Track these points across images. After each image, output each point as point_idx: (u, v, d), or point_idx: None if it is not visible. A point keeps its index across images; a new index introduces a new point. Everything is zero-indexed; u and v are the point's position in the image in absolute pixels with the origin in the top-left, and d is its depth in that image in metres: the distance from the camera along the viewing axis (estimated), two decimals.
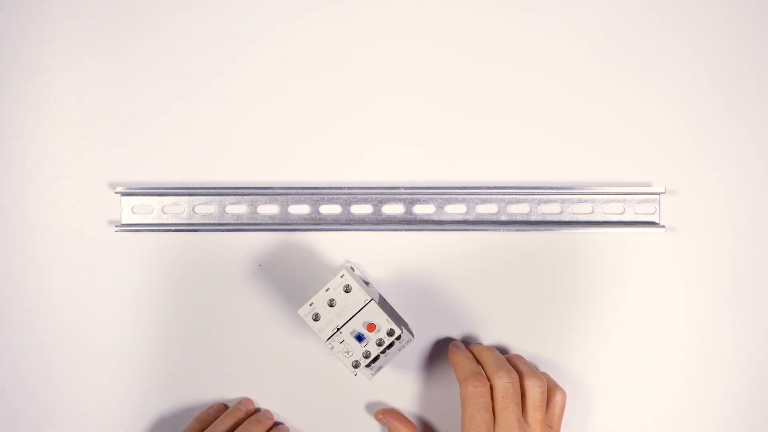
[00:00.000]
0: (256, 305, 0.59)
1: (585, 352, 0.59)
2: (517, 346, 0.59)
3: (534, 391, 0.52)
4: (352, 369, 0.52)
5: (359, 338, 0.51)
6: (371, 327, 0.51)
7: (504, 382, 0.51)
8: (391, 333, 0.51)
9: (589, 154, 0.59)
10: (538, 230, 0.59)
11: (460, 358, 0.54)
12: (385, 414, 0.57)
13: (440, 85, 0.59)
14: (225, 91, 0.59)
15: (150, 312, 0.59)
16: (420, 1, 0.59)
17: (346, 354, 0.52)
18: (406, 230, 0.59)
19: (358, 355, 0.52)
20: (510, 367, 0.53)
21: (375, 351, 0.52)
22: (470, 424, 0.50)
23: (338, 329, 0.51)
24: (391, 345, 0.52)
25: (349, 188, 0.58)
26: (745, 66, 0.59)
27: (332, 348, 0.52)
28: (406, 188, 0.58)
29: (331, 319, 0.52)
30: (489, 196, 0.59)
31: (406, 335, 0.52)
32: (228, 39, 0.59)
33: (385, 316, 0.51)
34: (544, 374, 0.56)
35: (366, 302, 0.52)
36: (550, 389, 0.54)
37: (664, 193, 0.58)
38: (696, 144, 0.59)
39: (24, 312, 0.59)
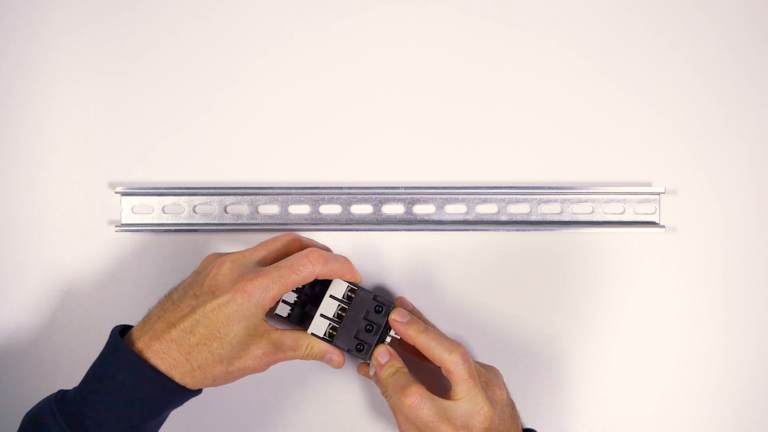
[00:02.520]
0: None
1: (585, 352, 0.59)
2: (517, 346, 0.59)
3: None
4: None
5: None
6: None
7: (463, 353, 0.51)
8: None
9: (589, 154, 0.59)
10: (538, 230, 0.59)
11: (430, 337, 0.51)
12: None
13: (441, 85, 0.59)
14: (225, 92, 0.59)
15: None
16: (422, 2, 0.59)
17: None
18: (406, 230, 0.59)
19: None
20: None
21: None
22: (473, 397, 0.50)
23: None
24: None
25: (349, 188, 0.58)
26: (744, 68, 0.59)
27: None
28: (406, 188, 0.58)
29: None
30: (489, 196, 0.59)
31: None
32: (228, 40, 0.59)
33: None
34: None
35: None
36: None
37: (664, 193, 0.58)
38: (696, 144, 0.59)
39: (26, 311, 0.59)
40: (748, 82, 0.59)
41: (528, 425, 0.58)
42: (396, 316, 0.52)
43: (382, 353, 0.52)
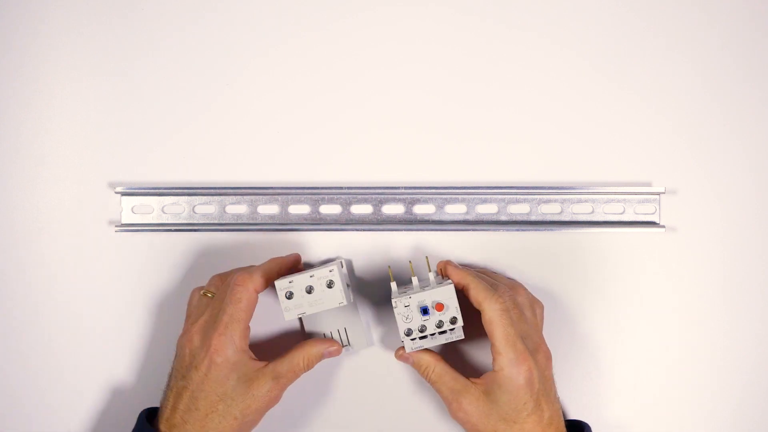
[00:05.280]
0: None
1: (585, 352, 0.59)
2: None
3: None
4: (403, 336, 0.52)
5: (424, 311, 0.51)
6: (439, 306, 0.51)
7: (512, 297, 0.52)
8: (453, 321, 0.52)
9: (589, 154, 0.59)
10: (538, 230, 0.59)
11: (472, 279, 0.52)
12: (404, 350, 0.54)
13: (441, 85, 0.59)
14: (225, 92, 0.59)
15: (149, 311, 0.59)
16: (422, 2, 0.59)
17: (404, 318, 0.52)
18: (406, 230, 0.59)
19: (415, 325, 0.52)
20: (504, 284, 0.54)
21: (430, 329, 0.52)
22: (506, 340, 0.50)
23: (301, 315, 0.52)
24: (443, 331, 0.52)
25: (349, 188, 0.58)
26: (744, 68, 0.59)
27: (395, 307, 0.51)
28: (406, 188, 0.58)
29: (301, 303, 0.52)
30: (489, 196, 0.59)
31: (459, 330, 0.52)
32: (228, 40, 0.59)
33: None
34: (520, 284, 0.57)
35: (340, 304, 0.52)
36: (531, 302, 0.55)
37: (664, 193, 0.58)
38: (696, 144, 0.59)
39: (26, 310, 0.59)
40: (748, 82, 0.59)
41: None
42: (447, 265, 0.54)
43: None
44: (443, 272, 0.55)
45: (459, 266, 0.54)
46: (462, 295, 0.52)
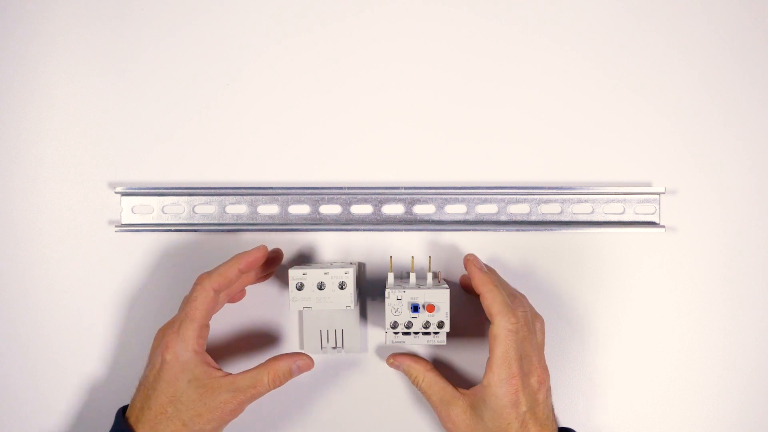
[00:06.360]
0: (256, 304, 0.58)
1: (585, 352, 0.59)
2: None
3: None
4: (388, 327, 0.52)
5: (415, 308, 0.52)
6: (431, 308, 0.52)
7: (525, 316, 0.51)
8: (440, 325, 0.52)
9: (589, 154, 0.59)
10: (538, 230, 0.59)
11: (492, 288, 0.51)
12: (396, 357, 0.56)
13: (441, 85, 0.59)
14: (225, 92, 0.59)
15: (149, 311, 0.59)
16: (422, 2, 0.59)
17: (393, 310, 0.52)
18: (406, 230, 0.59)
19: (402, 319, 0.52)
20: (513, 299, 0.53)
21: (416, 327, 0.52)
22: (503, 359, 0.49)
23: (305, 307, 0.52)
24: (427, 333, 0.52)
25: (349, 188, 0.58)
26: (744, 68, 0.59)
27: (387, 297, 0.51)
28: (406, 188, 0.58)
29: (309, 297, 0.52)
30: (489, 196, 0.59)
31: (443, 335, 0.52)
32: (227, 40, 0.59)
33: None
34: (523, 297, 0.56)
35: (347, 307, 0.52)
36: (532, 316, 0.54)
37: (664, 193, 0.58)
38: (696, 144, 0.59)
39: (26, 310, 0.59)
40: (748, 82, 0.59)
41: None
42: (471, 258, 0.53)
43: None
44: (466, 268, 0.53)
45: (484, 267, 0.53)
46: (456, 298, 0.52)
